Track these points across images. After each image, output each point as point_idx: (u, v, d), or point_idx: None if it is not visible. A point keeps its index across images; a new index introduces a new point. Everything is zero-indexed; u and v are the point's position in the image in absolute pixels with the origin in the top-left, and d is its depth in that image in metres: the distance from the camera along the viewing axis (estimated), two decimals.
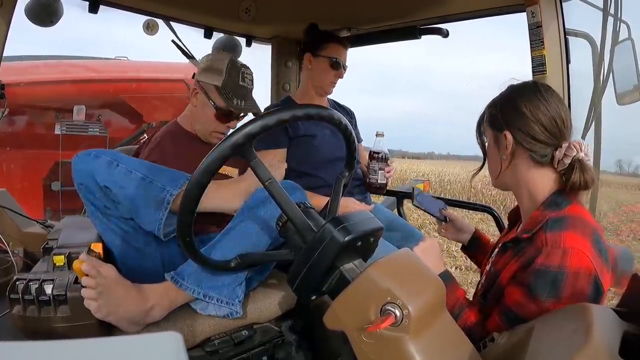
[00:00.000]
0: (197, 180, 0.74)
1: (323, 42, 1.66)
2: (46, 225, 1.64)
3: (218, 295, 1.02)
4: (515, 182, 0.99)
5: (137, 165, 1.06)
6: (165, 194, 1.03)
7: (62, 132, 3.68)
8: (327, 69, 1.65)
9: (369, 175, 1.64)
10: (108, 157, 1.03)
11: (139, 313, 0.92)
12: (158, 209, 1.03)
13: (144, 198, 1.03)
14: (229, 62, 1.31)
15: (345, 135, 0.89)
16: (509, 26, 26.09)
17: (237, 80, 1.31)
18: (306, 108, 0.80)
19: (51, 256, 1.00)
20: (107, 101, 3.94)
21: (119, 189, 1.02)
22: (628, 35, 1.30)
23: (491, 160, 1.03)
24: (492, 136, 1.00)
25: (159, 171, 1.07)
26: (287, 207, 0.77)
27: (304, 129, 1.63)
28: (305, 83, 1.74)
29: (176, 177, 1.07)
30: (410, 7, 1.76)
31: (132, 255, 1.10)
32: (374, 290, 0.65)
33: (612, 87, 1.33)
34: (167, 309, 0.99)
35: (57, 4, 1.54)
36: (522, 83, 1.00)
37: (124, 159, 1.05)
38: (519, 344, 0.67)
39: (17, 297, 0.86)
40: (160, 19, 1.88)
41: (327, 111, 0.83)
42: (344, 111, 1.85)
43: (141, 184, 1.03)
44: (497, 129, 0.97)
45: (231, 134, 0.74)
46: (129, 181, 1.02)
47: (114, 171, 1.02)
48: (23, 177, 3.67)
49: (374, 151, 1.61)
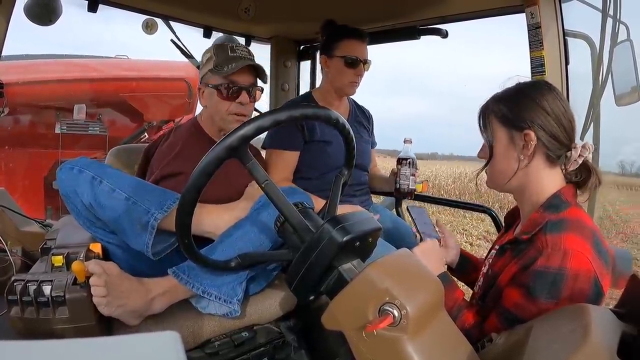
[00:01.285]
0: (194, 183, 0.74)
1: (336, 40, 1.59)
2: (44, 225, 1.63)
3: (217, 292, 1.02)
4: (522, 183, 0.95)
5: (122, 182, 1.01)
6: (149, 218, 0.98)
7: (62, 131, 3.68)
8: (343, 69, 1.58)
9: (399, 181, 1.61)
10: (92, 173, 1.00)
11: (143, 305, 0.94)
12: (143, 232, 0.99)
13: (128, 220, 0.99)
14: (214, 46, 1.31)
15: (344, 134, 0.89)
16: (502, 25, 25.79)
17: (226, 54, 1.27)
18: (303, 108, 0.80)
19: (49, 256, 0.99)
20: (108, 100, 3.94)
21: (102, 209, 0.99)
22: (627, 37, 1.30)
23: (502, 160, 0.96)
24: (507, 135, 0.94)
25: (145, 191, 1.02)
26: (284, 207, 0.77)
27: (320, 134, 1.60)
28: (326, 84, 1.68)
29: (163, 198, 1.01)
30: (409, 7, 1.76)
31: (126, 258, 1.09)
32: (372, 290, 0.65)
33: (611, 88, 1.33)
34: (168, 302, 1.00)
35: (56, 2, 1.54)
36: (532, 81, 0.97)
37: (109, 175, 1.01)
38: (517, 345, 0.67)
39: (15, 298, 0.85)
40: (160, 19, 1.87)
41: (324, 111, 0.83)
42: (363, 114, 1.80)
43: (124, 204, 0.99)
44: (515, 127, 0.92)
45: (226, 136, 0.74)
46: (112, 201, 0.99)
47: (97, 189, 0.99)
48: (24, 176, 3.68)
49: (403, 157, 1.60)
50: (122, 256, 1.09)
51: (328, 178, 1.62)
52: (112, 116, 4.04)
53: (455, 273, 1.22)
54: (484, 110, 0.98)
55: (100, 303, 0.87)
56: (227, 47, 1.29)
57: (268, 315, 1.15)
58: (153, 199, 1.00)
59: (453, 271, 1.22)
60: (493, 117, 0.96)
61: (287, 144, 1.59)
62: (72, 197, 1.01)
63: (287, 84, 2.23)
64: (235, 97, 1.27)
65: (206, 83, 1.30)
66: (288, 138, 1.59)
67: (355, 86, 1.64)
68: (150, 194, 1.02)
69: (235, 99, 1.27)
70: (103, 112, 3.93)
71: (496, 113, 0.95)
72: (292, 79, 2.25)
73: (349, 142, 0.91)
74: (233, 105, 1.28)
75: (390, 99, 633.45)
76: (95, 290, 0.87)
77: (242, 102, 1.27)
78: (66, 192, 1.02)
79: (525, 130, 0.91)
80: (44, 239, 1.18)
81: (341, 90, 1.65)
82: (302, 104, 0.84)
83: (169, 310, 1.02)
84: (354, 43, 1.58)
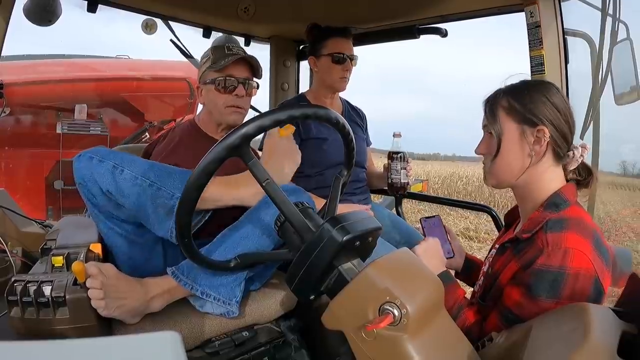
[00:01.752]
0: (194, 181, 0.74)
1: (322, 41, 1.66)
2: (45, 225, 1.64)
3: (216, 294, 1.02)
4: (528, 180, 0.93)
5: (145, 169, 1.01)
6: (175, 201, 0.97)
7: (63, 131, 3.68)
8: (331, 66, 1.64)
9: (390, 176, 1.61)
10: (112, 162, 0.99)
11: (142, 304, 0.95)
12: (168, 218, 0.99)
13: (152, 206, 0.99)
14: (211, 47, 1.35)
15: (344, 134, 0.89)
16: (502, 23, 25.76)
17: (222, 52, 1.31)
18: (303, 108, 0.80)
19: (50, 257, 0.99)
20: (109, 100, 3.94)
21: (125, 197, 0.99)
22: (627, 36, 1.30)
23: (511, 155, 0.93)
24: (517, 129, 0.92)
25: (168, 174, 1.03)
26: (285, 207, 0.77)
27: (316, 131, 1.63)
28: (316, 84, 1.74)
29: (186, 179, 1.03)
30: (409, 6, 1.76)
31: (136, 253, 1.10)
32: (373, 289, 0.65)
33: (610, 87, 1.33)
34: (166, 301, 1.01)
35: (56, 3, 1.54)
36: (539, 80, 0.99)
37: (129, 163, 1.01)
38: (517, 344, 0.67)
39: (15, 298, 0.85)
40: (159, 19, 1.87)
41: (324, 110, 0.83)
42: (356, 113, 1.84)
43: (149, 191, 0.99)
44: (527, 123, 0.90)
45: (227, 135, 0.74)
46: (136, 188, 0.98)
47: (119, 178, 0.98)
48: (25, 177, 3.68)
49: (393, 152, 1.59)
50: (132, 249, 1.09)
51: (326, 175, 1.63)
52: (114, 116, 4.04)
53: (459, 277, 1.21)
54: (492, 103, 0.95)
55: (99, 306, 0.87)
56: (224, 47, 1.33)
57: (268, 314, 1.15)
58: (176, 182, 1.01)
59: (457, 275, 1.21)
60: (502, 111, 0.93)
61: None
62: (90, 186, 1.00)
63: (287, 83, 2.23)
64: (232, 90, 1.31)
65: (204, 81, 1.33)
66: None
67: (345, 82, 1.68)
68: (173, 177, 1.02)
69: (231, 92, 1.31)
70: (104, 112, 3.94)
71: (505, 106, 0.93)
72: (292, 78, 2.25)
73: (348, 142, 0.91)
74: (230, 98, 1.31)
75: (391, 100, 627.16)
76: (92, 293, 0.87)
77: (239, 94, 1.31)
78: (84, 181, 1.00)
79: (539, 126, 0.89)
80: (44, 240, 1.18)
81: (332, 87, 1.69)
82: (302, 105, 0.84)
83: (169, 310, 1.02)
84: (339, 41, 1.64)
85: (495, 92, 0.97)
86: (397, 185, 1.61)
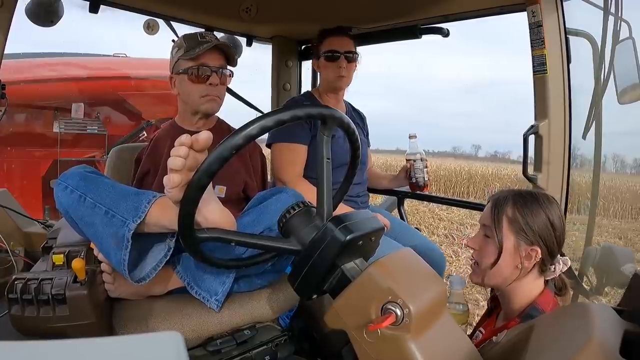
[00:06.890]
0: (197, 182, 0.72)
1: (320, 43, 1.68)
2: (47, 225, 1.64)
3: (197, 287, 1.04)
4: (513, 288, 0.97)
5: (104, 194, 0.94)
6: (125, 230, 0.89)
7: (60, 130, 3.68)
8: (327, 65, 1.65)
9: (414, 176, 1.69)
10: (79, 192, 0.94)
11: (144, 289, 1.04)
12: (118, 249, 0.90)
13: (106, 236, 0.92)
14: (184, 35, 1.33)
15: (349, 134, 0.89)
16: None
17: (196, 40, 1.28)
18: (307, 108, 0.80)
19: (50, 255, 0.99)
20: (106, 99, 3.93)
21: (87, 228, 0.95)
22: (629, 35, 1.30)
23: (504, 265, 0.96)
24: (514, 241, 0.95)
25: (123, 197, 0.93)
26: None
27: None
28: (320, 86, 1.78)
29: (138, 202, 0.92)
30: (410, 6, 1.76)
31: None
32: (375, 289, 0.65)
33: (613, 86, 1.33)
34: (166, 287, 1.07)
35: (58, 3, 1.54)
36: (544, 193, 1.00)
37: (93, 188, 0.94)
38: (519, 343, 0.67)
39: (16, 296, 0.85)
40: (161, 19, 1.87)
41: (329, 110, 0.82)
42: (357, 115, 1.86)
43: (104, 220, 0.92)
44: (525, 240, 0.94)
45: (230, 135, 0.72)
46: (93, 217, 0.92)
47: (83, 207, 0.93)
48: (22, 176, 3.67)
49: (413, 152, 1.66)
50: None
51: (334, 174, 1.60)
52: (111, 115, 4.04)
53: None
54: (498, 209, 0.98)
55: (110, 289, 0.99)
56: (197, 35, 1.31)
57: (270, 313, 1.15)
58: (129, 206, 0.92)
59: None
60: (506, 220, 0.96)
61: (295, 137, 1.58)
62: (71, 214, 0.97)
63: (289, 83, 2.23)
64: (206, 79, 1.28)
65: (177, 71, 1.31)
66: (295, 131, 1.58)
67: (344, 79, 1.66)
68: (127, 200, 0.93)
69: (205, 81, 1.28)
70: (101, 110, 3.93)
71: (510, 217, 0.96)
72: (294, 78, 2.24)
73: (353, 143, 0.91)
74: (203, 87, 1.29)
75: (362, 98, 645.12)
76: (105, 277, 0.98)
77: (212, 83, 1.28)
78: (64, 209, 0.97)
79: (534, 245, 0.93)
80: (45, 239, 1.19)
81: (332, 86, 1.69)
82: (306, 105, 0.84)
83: (171, 309, 1.03)
84: (333, 39, 1.66)
85: (505, 195, 0.99)
86: (420, 184, 1.70)
